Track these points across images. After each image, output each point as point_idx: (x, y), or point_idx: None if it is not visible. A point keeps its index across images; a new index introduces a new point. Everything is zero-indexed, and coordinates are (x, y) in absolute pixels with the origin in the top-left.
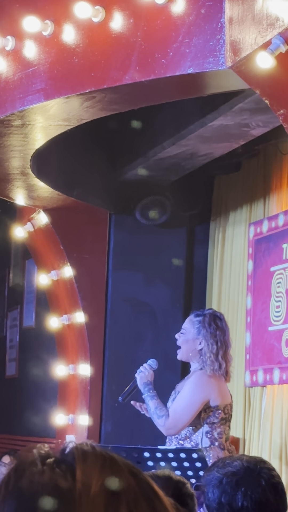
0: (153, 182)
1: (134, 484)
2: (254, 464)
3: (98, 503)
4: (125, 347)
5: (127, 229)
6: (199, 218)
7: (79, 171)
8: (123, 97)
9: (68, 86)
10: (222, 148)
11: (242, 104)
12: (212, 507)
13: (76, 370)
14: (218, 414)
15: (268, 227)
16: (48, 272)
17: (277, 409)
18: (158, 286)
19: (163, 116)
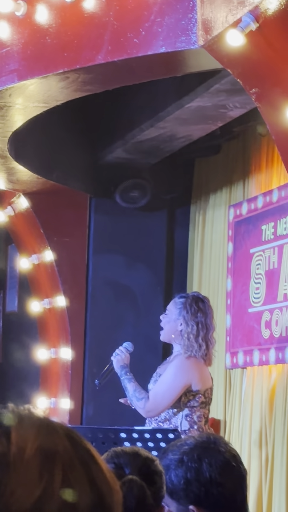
0: (132, 165)
1: (70, 448)
2: (206, 437)
3: (32, 466)
4: (106, 330)
5: (107, 213)
6: (179, 201)
7: (58, 154)
8: (96, 77)
9: (42, 67)
10: (200, 130)
11: (218, 85)
12: (178, 490)
13: (58, 354)
14: (199, 398)
15: (247, 209)
16: (29, 256)
17: (257, 390)
18: (139, 269)
19: (140, 98)
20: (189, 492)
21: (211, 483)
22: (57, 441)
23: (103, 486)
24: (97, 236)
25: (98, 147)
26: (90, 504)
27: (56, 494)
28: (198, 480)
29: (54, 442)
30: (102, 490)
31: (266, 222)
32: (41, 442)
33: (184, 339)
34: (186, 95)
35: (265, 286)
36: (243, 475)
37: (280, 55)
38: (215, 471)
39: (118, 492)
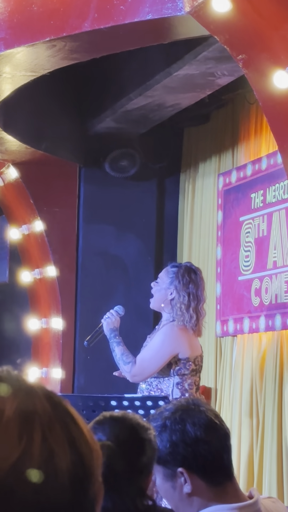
0: (122, 134)
1: (49, 409)
2: (185, 401)
3: (11, 428)
4: (96, 300)
5: (96, 182)
6: (169, 170)
7: (47, 124)
8: (83, 45)
9: (28, 35)
10: (189, 99)
11: (206, 52)
12: (164, 455)
13: (49, 324)
14: (189, 365)
15: (236, 177)
16: (19, 226)
17: (247, 358)
18: (129, 239)
19: (129, 67)
20: (176, 454)
21: (197, 442)
22: (36, 402)
23: (83, 447)
24: (87, 206)
25: (87, 116)
26: (70, 465)
27: (36, 455)
28: (184, 441)
29: (33, 403)
30: (82, 451)
31: (255, 190)
32: (20, 404)
33: (175, 309)
34: (174, 63)
35: (255, 254)
36: (227, 433)
37: (267, 21)
38: (200, 430)
39: (98, 453)
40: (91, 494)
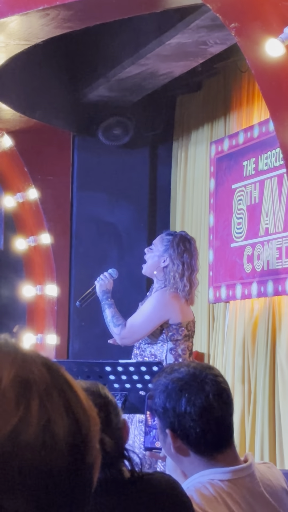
0: (115, 102)
1: (47, 376)
2: (200, 370)
3: (9, 395)
4: (90, 267)
5: (90, 150)
6: (162, 138)
7: (41, 92)
8: (76, 14)
9: (22, 4)
10: (182, 67)
11: (198, 21)
12: (158, 411)
13: (43, 291)
14: (182, 331)
15: (228, 145)
16: (13, 194)
17: (240, 323)
18: (122, 206)
19: (121, 36)
20: (166, 417)
21: (185, 416)
22: (33, 369)
23: (80, 413)
24: (80, 173)
25: (80, 85)
26: (67, 431)
27: (33, 422)
28: (174, 410)
29: (31, 371)
30: (79, 418)
31: (247, 158)
32: (18, 371)
33: (168, 277)
34: (167, 32)
35: (247, 221)
36: (223, 415)
37: None
38: (192, 408)
39: (95, 420)
40: (88, 460)
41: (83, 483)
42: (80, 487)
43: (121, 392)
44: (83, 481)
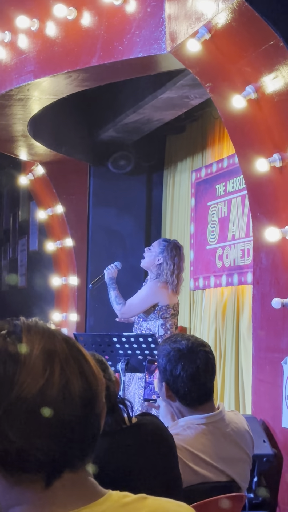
0: (120, 141)
1: (65, 348)
2: (196, 346)
3: (38, 362)
4: (102, 263)
5: (102, 177)
6: (155, 167)
7: (66, 133)
8: (92, 76)
9: (51, 68)
10: (170, 115)
11: (182, 81)
12: (160, 370)
13: (67, 281)
14: (169, 311)
15: (205, 173)
16: (45, 209)
17: (213, 306)
18: (126, 218)
19: (126, 91)
20: (164, 375)
21: (177, 378)
22: (56, 343)
23: (90, 376)
24: (95, 194)
25: (95, 128)
26: (81, 389)
27: (56, 382)
28: (171, 372)
29: (54, 344)
30: (90, 379)
31: (219, 182)
32: (44, 345)
33: (162, 273)
34: (159, 89)
35: (218, 230)
36: (207, 383)
37: (227, 58)
38: (185, 374)
39: (102, 381)
40: (96, 410)
41: (92, 427)
42: (90, 431)
43: (124, 356)
44: (93, 426)
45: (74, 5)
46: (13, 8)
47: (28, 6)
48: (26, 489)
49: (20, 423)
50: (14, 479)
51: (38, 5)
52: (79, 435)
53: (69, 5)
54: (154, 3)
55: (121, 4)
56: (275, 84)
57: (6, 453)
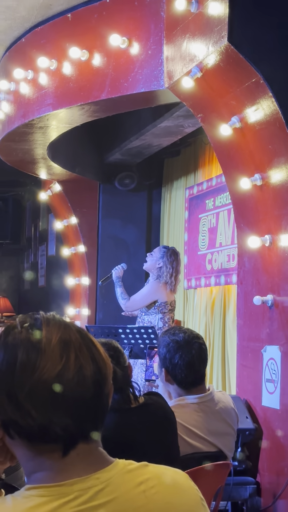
0: (125, 163)
1: (79, 338)
2: (192, 338)
3: (56, 350)
4: (109, 266)
5: (110, 193)
6: (155, 185)
7: (79, 156)
8: (101, 108)
9: (67, 101)
10: (167, 141)
11: (178, 112)
12: (160, 357)
13: (80, 281)
14: (167, 307)
15: (197, 190)
16: (61, 220)
17: (203, 302)
18: (130, 228)
19: (130, 121)
20: (164, 362)
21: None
22: (71, 334)
23: (101, 362)
24: (104, 207)
25: (104, 152)
26: (92, 373)
27: (71, 367)
28: (170, 360)
29: (69, 335)
30: (100, 365)
31: (209, 198)
32: (61, 335)
33: (162, 275)
34: (158, 119)
35: (208, 238)
36: (200, 369)
37: (216, 93)
38: (182, 362)
39: (109, 365)
40: (105, 391)
41: (102, 405)
42: (100, 408)
43: (128, 345)
44: (102, 404)
45: (87, 48)
46: (35, 50)
47: (48, 48)
48: (46, 458)
49: (41, 402)
50: (36, 449)
51: (56, 48)
52: (91, 411)
53: (82, 48)
54: (154, 46)
55: (126, 47)
56: (257, 115)
57: (30, 427)
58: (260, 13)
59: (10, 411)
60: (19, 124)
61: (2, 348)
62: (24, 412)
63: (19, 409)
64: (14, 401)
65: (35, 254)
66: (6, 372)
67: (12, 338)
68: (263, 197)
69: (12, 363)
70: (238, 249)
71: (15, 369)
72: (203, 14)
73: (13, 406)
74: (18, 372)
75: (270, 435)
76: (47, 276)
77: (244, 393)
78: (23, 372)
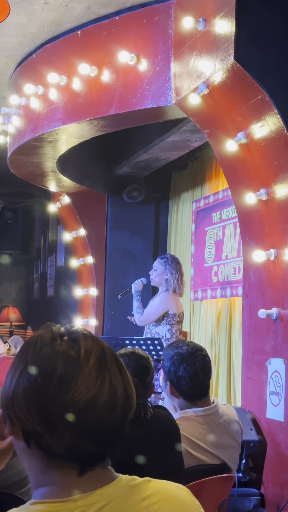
0: (133, 176)
1: (114, 362)
2: (195, 351)
3: (92, 371)
4: (117, 277)
5: (118, 205)
6: (162, 198)
7: (88, 169)
8: (110, 123)
9: (76, 116)
10: (175, 155)
11: (185, 127)
12: (165, 371)
13: (88, 292)
14: (175, 318)
15: (203, 203)
16: (70, 232)
17: (209, 314)
18: (138, 240)
19: (138, 135)
20: (168, 375)
21: (180, 379)
22: (106, 356)
23: (130, 390)
24: (112, 220)
25: (112, 165)
26: (123, 401)
27: (105, 392)
28: (175, 373)
29: (105, 357)
30: (129, 393)
31: (215, 211)
32: (99, 356)
33: (170, 283)
34: (166, 133)
35: (214, 250)
36: (204, 381)
37: (222, 109)
38: (186, 374)
39: (134, 392)
40: (129, 417)
41: (124, 432)
42: (123, 432)
43: None
44: (125, 429)
45: (96, 64)
46: (45, 66)
47: (58, 64)
48: (58, 473)
49: (70, 422)
50: (51, 463)
51: (66, 64)
52: (114, 438)
53: (92, 64)
54: (162, 63)
55: (134, 64)
56: (262, 132)
57: (54, 443)
58: (265, 32)
59: (37, 423)
60: (29, 138)
61: (39, 358)
62: (51, 428)
63: (47, 423)
64: (43, 414)
65: (44, 265)
66: (42, 383)
67: (50, 350)
68: (268, 211)
69: (49, 376)
70: (244, 262)
71: (52, 382)
72: (210, 32)
73: (42, 419)
74: (55, 385)
75: (274, 447)
76: (56, 286)
77: (249, 405)
78: (59, 387)
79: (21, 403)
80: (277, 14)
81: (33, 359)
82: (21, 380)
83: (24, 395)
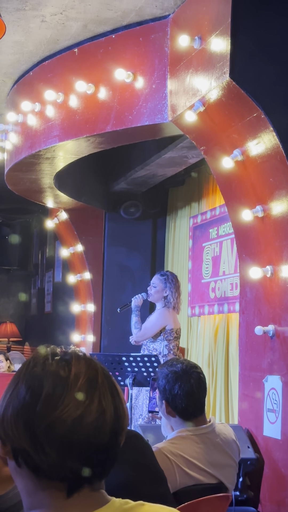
0: (131, 192)
1: (105, 382)
2: (189, 368)
3: (81, 391)
4: (115, 293)
5: (115, 221)
6: (160, 214)
7: (85, 185)
8: (106, 140)
9: (73, 133)
10: (172, 171)
11: (182, 144)
12: (160, 389)
13: (86, 308)
14: (173, 334)
15: (201, 219)
16: (68, 248)
17: (207, 330)
18: (135, 255)
19: (135, 152)
20: (164, 394)
21: (175, 397)
22: (98, 377)
23: (120, 411)
24: (109, 235)
25: (109, 181)
26: (112, 421)
27: (93, 412)
28: (170, 391)
29: (97, 377)
30: (120, 414)
31: (212, 227)
32: (89, 376)
33: (169, 300)
34: (162, 150)
35: (212, 266)
36: (200, 398)
37: (218, 126)
38: (182, 392)
39: (127, 415)
40: (119, 441)
41: (114, 454)
42: (111, 457)
43: (132, 373)
44: (114, 453)
45: (92, 82)
46: (42, 83)
47: (54, 82)
48: (48, 495)
49: (56, 440)
50: (40, 484)
51: (63, 81)
52: (102, 459)
53: (88, 82)
54: (158, 80)
55: (131, 81)
56: (258, 149)
57: (40, 461)
58: (261, 50)
59: (24, 441)
60: (27, 155)
61: (29, 377)
62: (38, 446)
63: (33, 441)
64: (30, 432)
65: (41, 281)
66: (30, 401)
67: (41, 369)
68: (265, 228)
69: (37, 394)
70: (240, 279)
71: (39, 400)
72: (205, 50)
73: (29, 436)
74: (42, 404)
75: (271, 465)
76: (53, 302)
77: (246, 422)
78: (46, 405)
79: (10, 421)
80: (272, 32)
81: (24, 378)
82: (12, 399)
83: (13, 413)
